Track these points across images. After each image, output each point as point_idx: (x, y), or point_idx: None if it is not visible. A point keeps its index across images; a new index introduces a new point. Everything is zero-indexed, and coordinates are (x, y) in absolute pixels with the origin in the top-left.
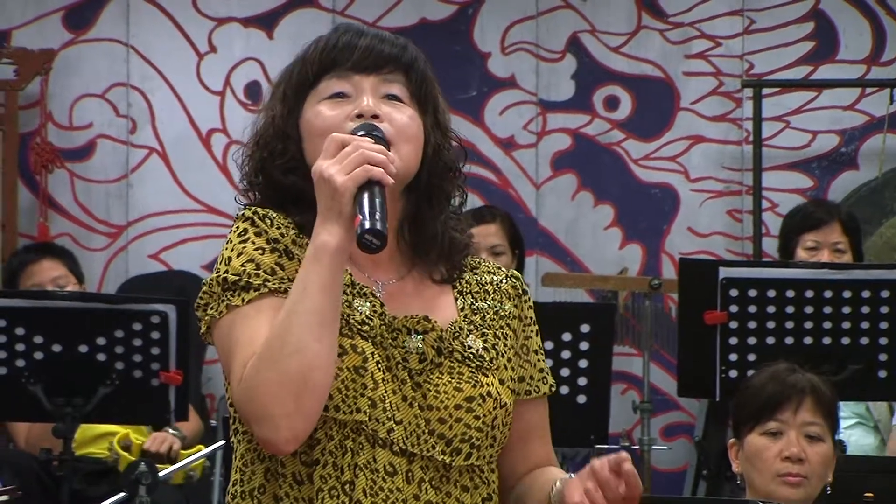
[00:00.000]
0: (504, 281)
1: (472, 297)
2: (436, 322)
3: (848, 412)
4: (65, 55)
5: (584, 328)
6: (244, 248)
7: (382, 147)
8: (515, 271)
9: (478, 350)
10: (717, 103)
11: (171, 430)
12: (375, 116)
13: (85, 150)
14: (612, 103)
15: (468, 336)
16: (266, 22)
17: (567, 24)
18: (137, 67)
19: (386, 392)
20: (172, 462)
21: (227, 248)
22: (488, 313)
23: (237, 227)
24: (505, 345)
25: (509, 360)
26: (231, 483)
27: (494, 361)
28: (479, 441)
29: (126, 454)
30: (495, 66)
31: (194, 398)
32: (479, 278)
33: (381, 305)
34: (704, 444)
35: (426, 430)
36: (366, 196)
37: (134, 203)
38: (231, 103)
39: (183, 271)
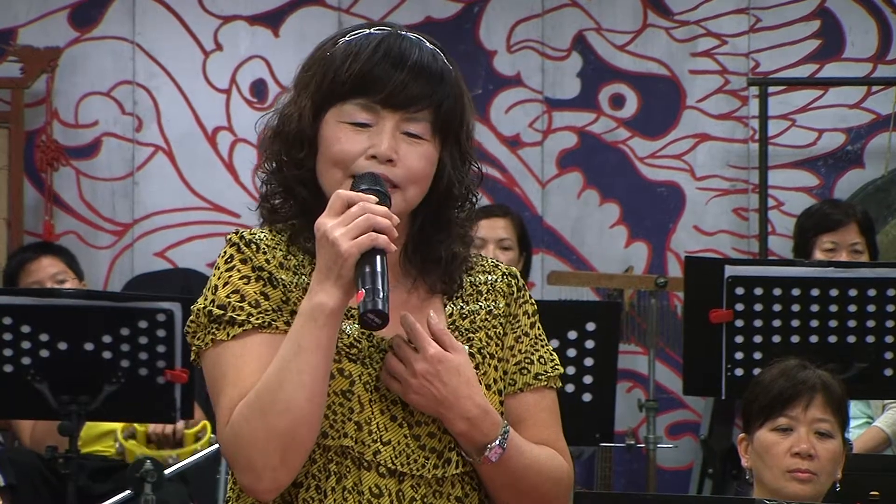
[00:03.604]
0: (499, 280)
1: (463, 301)
2: None
3: (856, 411)
4: (70, 53)
5: (590, 326)
6: (230, 276)
7: (387, 210)
8: (514, 269)
9: None
10: (722, 101)
11: None
12: (390, 160)
13: (91, 148)
14: (617, 101)
15: None
16: (272, 20)
17: (573, 23)
18: (143, 65)
19: (373, 413)
20: (178, 444)
21: (214, 275)
22: (480, 314)
23: (224, 252)
24: (498, 344)
25: (500, 360)
26: (225, 499)
27: (480, 368)
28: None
29: (132, 443)
30: (501, 64)
31: (200, 396)
32: (472, 279)
33: None
34: (710, 442)
35: (416, 448)
36: (368, 269)
37: (139, 201)
38: (237, 101)
39: (188, 269)
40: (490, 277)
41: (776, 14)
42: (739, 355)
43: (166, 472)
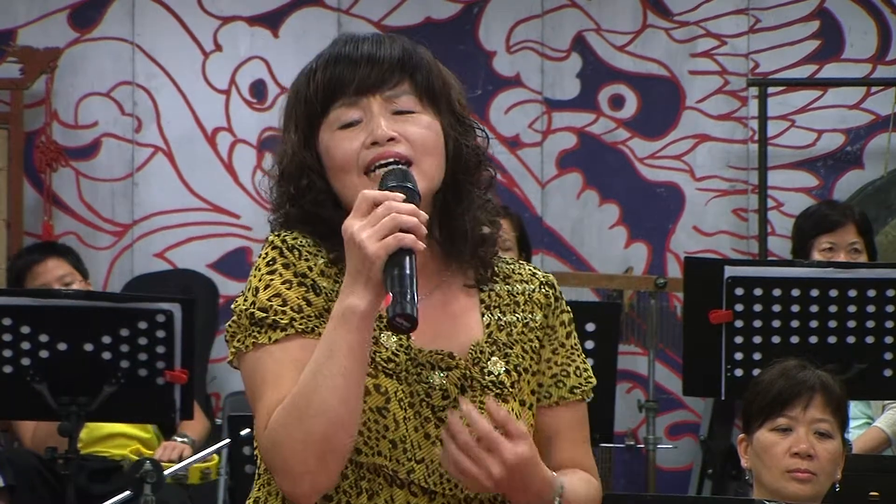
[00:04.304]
0: (536, 290)
1: (501, 311)
2: (459, 360)
3: (856, 412)
4: (70, 54)
5: (590, 327)
6: (272, 280)
7: (414, 207)
8: (551, 277)
9: (498, 375)
10: (722, 102)
11: (178, 439)
12: (392, 139)
13: (90, 149)
14: (617, 102)
15: (489, 359)
16: (271, 20)
17: (572, 23)
18: (143, 66)
19: (408, 431)
20: (185, 471)
21: (254, 277)
22: (516, 326)
23: (265, 255)
24: (532, 358)
25: (534, 373)
26: (253, 499)
27: (515, 385)
28: None
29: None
30: (500, 65)
31: (199, 397)
32: (510, 288)
33: (408, 338)
34: (710, 442)
35: None
36: (396, 271)
37: (139, 202)
38: (236, 102)
39: (188, 270)
40: (528, 287)
41: (776, 15)
42: (739, 356)
43: (165, 472)
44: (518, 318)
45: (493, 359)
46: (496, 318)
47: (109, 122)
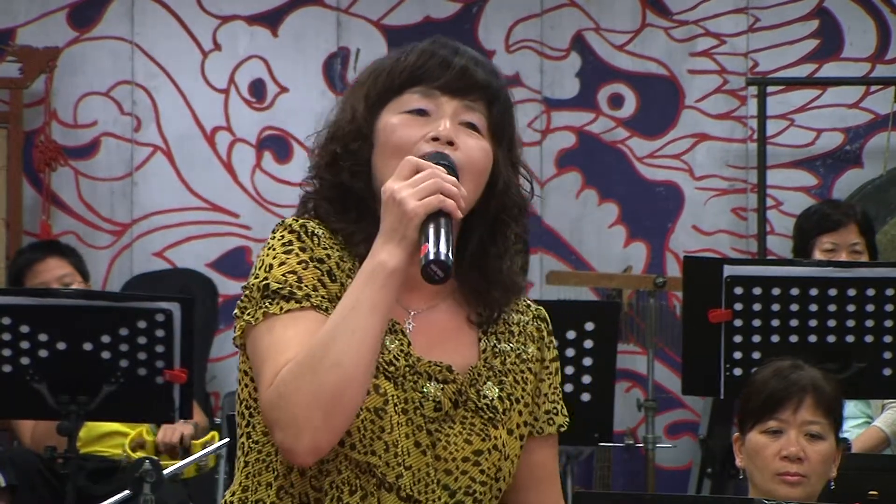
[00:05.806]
0: (530, 323)
1: (496, 338)
2: (457, 375)
3: (856, 411)
4: (69, 53)
5: (589, 326)
6: (287, 259)
7: (455, 179)
8: (543, 311)
9: (492, 400)
10: (721, 101)
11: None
12: (451, 143)
13: (89, 148)
14: (616, 101)
15: (485, 383)
16: (270, 20)
17: (572, 22)
18: (142, 65)
19: (400, 436)
20: (187, 451)
21: (267, 255)
22: (510, 356)
23: (282, 237)
24: (524, 390)
25: (526, 405)
26: (232, 492)
27: (507, 412)
28: (482, 495)
29: (141, 454)
30: (500, 64)
31: (199, 396)
32: (506, 317)
33: (409, 345)
34: (709, 442)
35: (434, 479)
36: (432, 226)
37: (138, 201)
38: (235, 101)
39: (187, 269)
40: (523, 318)
41: (775, 14)
42: (738, 355)
43: (165, 472)
44: (511, 347)
45: (489, 384)
46: (492, 344)
47: (108, 122)
